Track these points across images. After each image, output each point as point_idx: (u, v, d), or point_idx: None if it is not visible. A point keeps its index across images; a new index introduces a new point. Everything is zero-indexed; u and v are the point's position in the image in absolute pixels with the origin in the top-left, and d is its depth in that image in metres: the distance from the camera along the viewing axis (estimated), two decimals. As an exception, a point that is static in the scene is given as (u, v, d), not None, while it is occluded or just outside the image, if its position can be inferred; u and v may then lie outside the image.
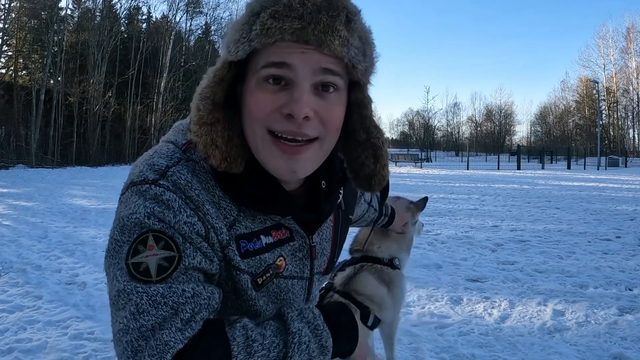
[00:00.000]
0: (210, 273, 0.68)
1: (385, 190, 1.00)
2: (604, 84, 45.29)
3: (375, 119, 0.77)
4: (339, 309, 0.76)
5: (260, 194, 0.71)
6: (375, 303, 1.81)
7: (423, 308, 2.91)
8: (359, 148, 0.76)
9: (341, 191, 0.86)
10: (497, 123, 65.74)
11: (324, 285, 1.35)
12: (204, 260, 0.66)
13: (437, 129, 67.99)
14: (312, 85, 0.65)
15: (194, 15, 31.48)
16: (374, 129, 0.76)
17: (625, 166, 29.21)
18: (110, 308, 0.64)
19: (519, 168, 23.45)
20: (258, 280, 0.74)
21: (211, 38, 33.30)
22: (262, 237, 0.74)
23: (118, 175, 15.68)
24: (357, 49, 0.66)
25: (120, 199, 0.70)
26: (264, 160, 0.69)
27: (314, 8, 0.62)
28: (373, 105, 0.76)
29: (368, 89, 0.75)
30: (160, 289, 0.61)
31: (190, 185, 0.67)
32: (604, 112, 44.79)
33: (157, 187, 0.65)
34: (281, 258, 0.77)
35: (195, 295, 0.63)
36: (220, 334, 0.62)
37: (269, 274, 0.76)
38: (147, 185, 0.65)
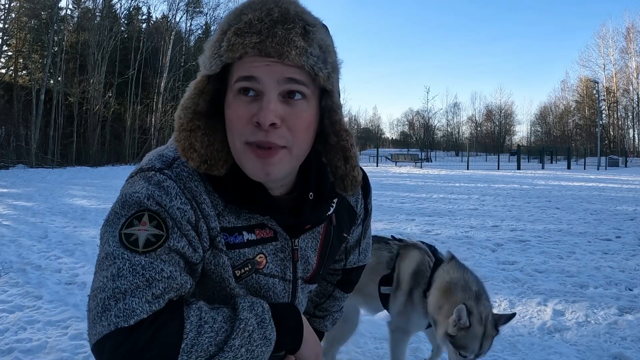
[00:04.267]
0: (192, 261, 0.75)
1: (365, 189, 1.05)
2: (604, 84, 45.28)
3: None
4: (288, 309, 0.82)
5: (242, 192, 0.78)
6: None
7: (423, 308, 2.91)
8: (332, 151, 0.82)
9: (333, 204, 0.89)
10: (497, 123, 65.76)
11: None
12: (187, 246, 0.73)
13: (437, 129, 68.03)
14: (279, 94, 0.72)
15: (194, 15, 31.51)
16: (343, 133, 0.81)
17: (625, 166, 29.23)
18: (95, 269, 0.71)
19: (519, 168, 23.46)
20: (236, 272, 0.81)
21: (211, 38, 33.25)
22: (244, 233, 0.81)
23: (118, 175, 15.68)
24: (317, 57, 0.73)
25: (127, 180, 0.78)
26: (242, 165, 0.77)
27: (270, 23, 0.70)
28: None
29: (336, 95, 0.80)
30: (142, 260, 0.68)
31: (191, 177, 0.76)
32: (604, 112, 44.78)
33: (161, 175, 0.74)
34: (261, 255, 0.83)
35: (171, 278, 0.70)
36: (178, 312, 0.69)
37: (247, 268, 0.82)
38: (153, 172, 0.75)
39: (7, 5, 21.72)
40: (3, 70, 23.63)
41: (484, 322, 1.60)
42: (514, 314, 1.72)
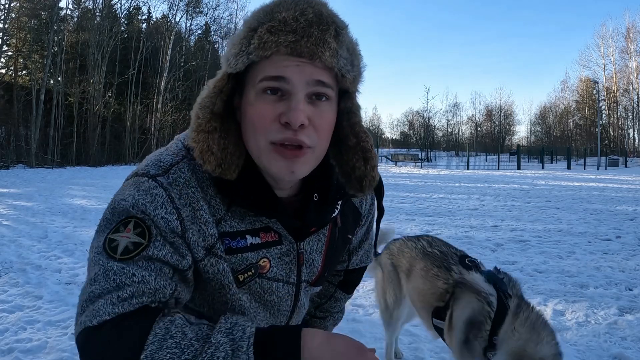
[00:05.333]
0: (180, 268, 0.73)
1: (379, 190, 1.03)
2: (604, 84, 45.27)
3: (366, 121, 0.83)
4: (283, 335, 0.66)
5: (250, 194, 0.77)
6: None
7: (423, 308, 2.91)
8: (350, 152, 0.82)
9: (338, 206, 0.89)
10: (497, 123, 65.72)
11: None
12: (171, 254, 0.72)
13: (437, 129, 67.99)
14: (306, 95, 0.71)
15: (194, 15, 31.51)
16: (362, 134, 0.82)
17: (625, 166, 29.21)
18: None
19: (519, 168, 23.45)
20: (239, 277, 0.80)
21: (211, 38, 33.33)
22: (248, 237, 0.80)
23: (118, 175, 15.68)
24: (346, 59, 0.73)
25: (124, 182, 0.77)
26: (266, 166, 0.75)
27: (306, 23, 0.70)
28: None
29: (356, 97, 0.80)
30: (115, 266, 0.68)
31: (188, 183, 0.75)
32: (604, 112, 44.79)
33: (152, 182, 0.73)
34: (265, 259, 0.82)
35: (142, 282, 0.68)
36: (146, 321, 0.65)
37: (250, 273, 0.81)
38: (145, 179, 0.74)
39: (7, 5, 21.73)
40: (3, 70, 23.65)
41: None
42: None
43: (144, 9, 31.86)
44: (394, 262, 1.89)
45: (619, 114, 45.77)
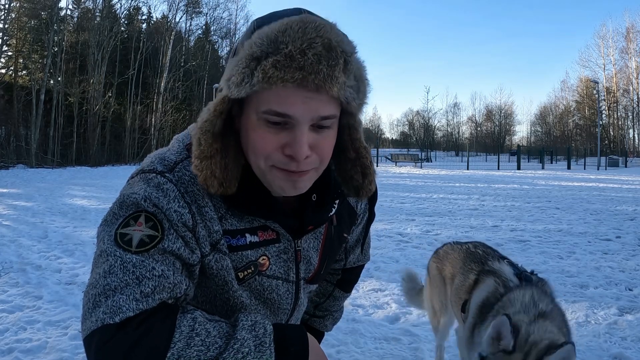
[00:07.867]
0: (189, 263, 0.73)
1: (372, 197, 1.05)
2: (604, 84, 45.27)
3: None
4: (294, 332, 0.73)
5: (247, 197, 0.78)
6: None
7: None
8: (349, 164, 0.83)
9: (335, 205, 0.89)
10: (497, 123, 65.71)
11: None
12: (184, 248, 0.72)
13: (437, 129, 68.05)
14: (310, 125, 0.71)
15: (193, 15, 31.53)
16: (363, 150, 0.83)
17: (625, 166, 29.21)
18: (91, 267, 0.71)
19: (519, 168, 23.45)
20: (239, 274, 0.81)
21: (211, 38, 33.35)
22: (247, 235, 0.80)
23: (118, 175, 15.68)
24: (352, 87, 0.71)
25: (128, 181, 0.78)
26: (270, 184, 0.76)
27: (314, 58, 0.66)
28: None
29: (359, 115, 0.80)
30: (134, 258, 0.67)
31: (193, 180, 0.75)
32: (604, 112, 44.78)
33: (162, 177, 0.74)
34: (264, 257, 0.83)
35: (162, 276, 0.68)
36: (169, 318, 0.65)
37: (250, 270, 0.81)
38: (154, 175, 0.75)
39: (7, 5, 21.74)
40: (3, 70, 23.67)
41: (527, 348, 1.07)
42: None
43: (144, 9, 31.90)
44: (438, 266, 1.85)
45: (619, 114, 45.78)
